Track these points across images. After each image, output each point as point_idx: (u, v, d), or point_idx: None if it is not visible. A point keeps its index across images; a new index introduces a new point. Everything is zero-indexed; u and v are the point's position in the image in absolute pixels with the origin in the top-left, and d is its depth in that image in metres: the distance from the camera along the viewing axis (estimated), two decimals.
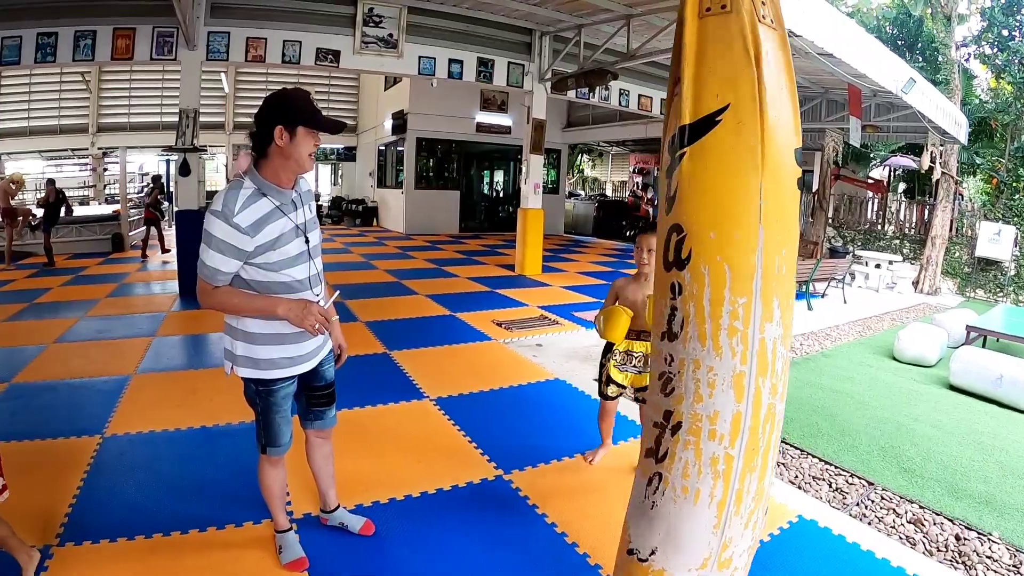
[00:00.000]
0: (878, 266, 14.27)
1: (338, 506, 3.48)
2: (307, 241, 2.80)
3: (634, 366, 4.10)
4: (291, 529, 3.28)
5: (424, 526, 3.60)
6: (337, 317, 3.06)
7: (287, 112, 2.57)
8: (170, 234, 14.55)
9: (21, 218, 12.80)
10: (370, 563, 3.24)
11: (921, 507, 4.14)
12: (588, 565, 3.30)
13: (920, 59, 21.99)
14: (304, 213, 2.82)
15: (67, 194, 14.11)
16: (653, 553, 2.21)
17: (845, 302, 11.94)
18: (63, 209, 13.48)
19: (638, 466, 2.34)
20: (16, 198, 12.88)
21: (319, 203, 23.05)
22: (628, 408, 5.09)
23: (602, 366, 4.27)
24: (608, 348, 4.23)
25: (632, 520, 2.32)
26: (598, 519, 3.72)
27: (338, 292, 3.12)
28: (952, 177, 14.64)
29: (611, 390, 4.21)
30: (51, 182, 13.12)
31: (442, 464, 4.36)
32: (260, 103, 2.62)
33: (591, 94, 13.57)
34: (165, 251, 14.35)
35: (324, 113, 2.66)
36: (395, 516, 3.69)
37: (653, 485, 2.21)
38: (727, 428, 2.04)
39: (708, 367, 2.04)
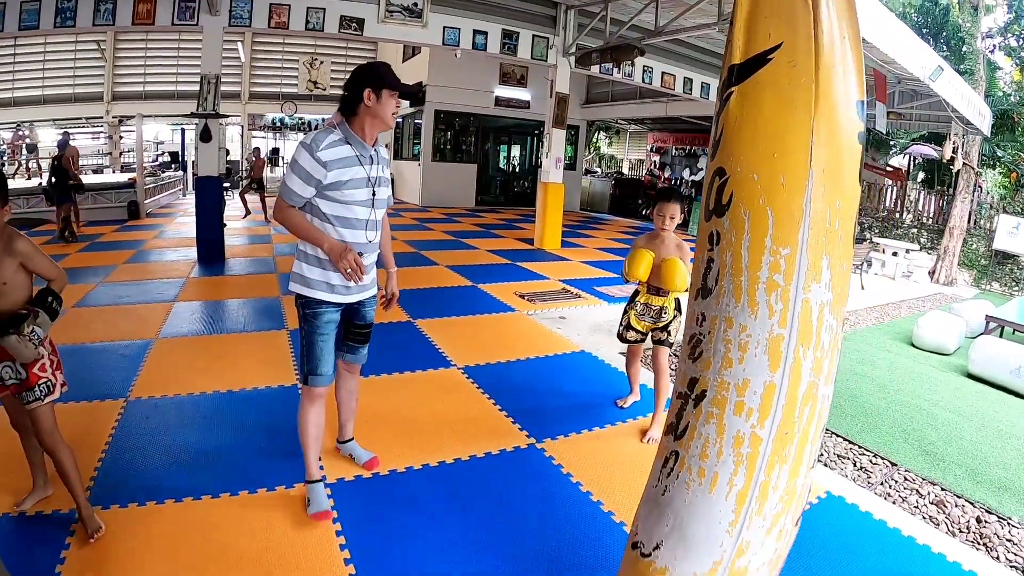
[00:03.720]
0: (895, 254, 14.09)
1: (352, 439, 3.81)
2: (374, 193, 3.16)
3: (651, 316, 4.49)
4: (321, 480, 3.37)
5: (460, 491, 3.57)
6: (395, 270, 3.59)
7: (374, 78, 3.00)
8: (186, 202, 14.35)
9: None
10: (406, 524, 3.20)
11: (943, 489, 4.16)
12: (626, 534, 3.19)
13: (945, 48, 21.67)
14: (378, 170, 3.18)
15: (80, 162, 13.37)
16: (657, 548, 1.95)
17: (863, 288, 11.78)
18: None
19: (658, 450, 2.09)
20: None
21: None
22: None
23: (625, 312, 4.64)
24: (632, 299, 4.61)
25: (642, 508, 2.08)
26: (635, 490, 3.63)
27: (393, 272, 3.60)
28: (973, 168, 14.35)
29: (630, 335, 4.60)
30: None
31: (474, 431, 4.31)
32: (277, 73, 2.80)
33: (615, 70, 13.38)
34: None
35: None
36: (430, 481, 3.65)
37: (668, 466, 1.96)
38: (756, 402, 1.79)
39: (741, 326, 1.81)
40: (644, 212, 22.23)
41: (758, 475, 1.80)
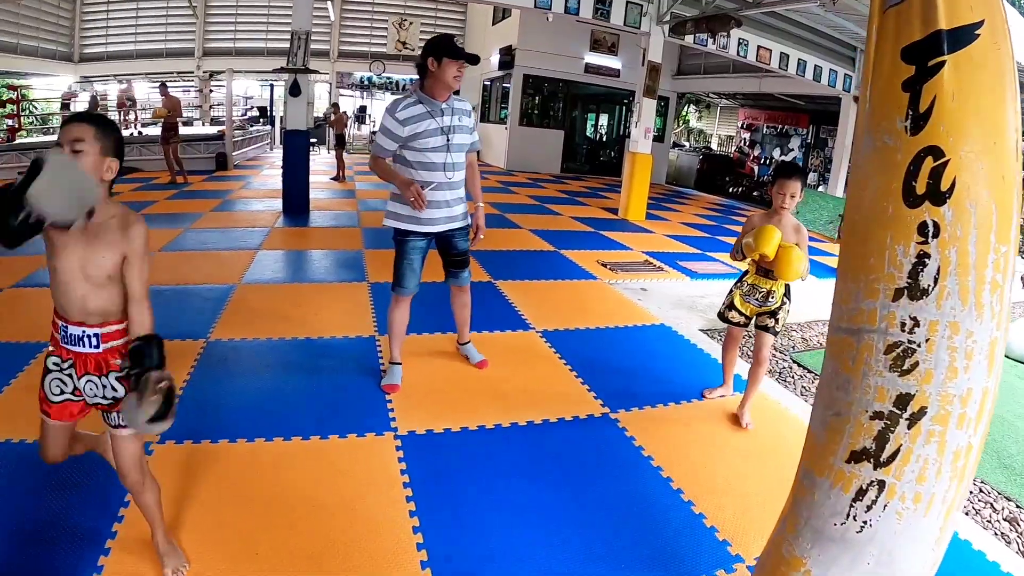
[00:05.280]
0: None
1: (468, 342, 4.60)
2: (448, 139, 3.79)
3: (757, 299, 4.09)
4: (400, 364, 4.18)
5: (532, 453, 3.51)
6: (482, 204, 4.25)
7: (435, 49, 3.62)
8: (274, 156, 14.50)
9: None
10: (474, 482, 3.15)
11: (1018, 506, 3.89)
12: (693, 513, 3.13)
13: None
14: (451, 120, 3.80)
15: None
16: None
17: None
18: None
19: (809, 474, 1.83)
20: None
21: None
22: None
23: (730, 291, 4.28)
24: (740, 278, 4.25)
25: (814, 544, 1.80)
26: (706, 469, 3.56)
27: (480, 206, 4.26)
28: None
29: (732, 315, 4.23)
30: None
31: (549, 395, 4.23)
32: (366, 32, 2.97)
33: (710, 40, 12.88)
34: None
35: None
36: (501, 441, 3.60)
37: (868, 499, 1.69)
38: (975, 410, 1.60)
39: (968, 331, 1.57)
40: (731, 190, 21.75)
41: (965, 482, 1.65)
